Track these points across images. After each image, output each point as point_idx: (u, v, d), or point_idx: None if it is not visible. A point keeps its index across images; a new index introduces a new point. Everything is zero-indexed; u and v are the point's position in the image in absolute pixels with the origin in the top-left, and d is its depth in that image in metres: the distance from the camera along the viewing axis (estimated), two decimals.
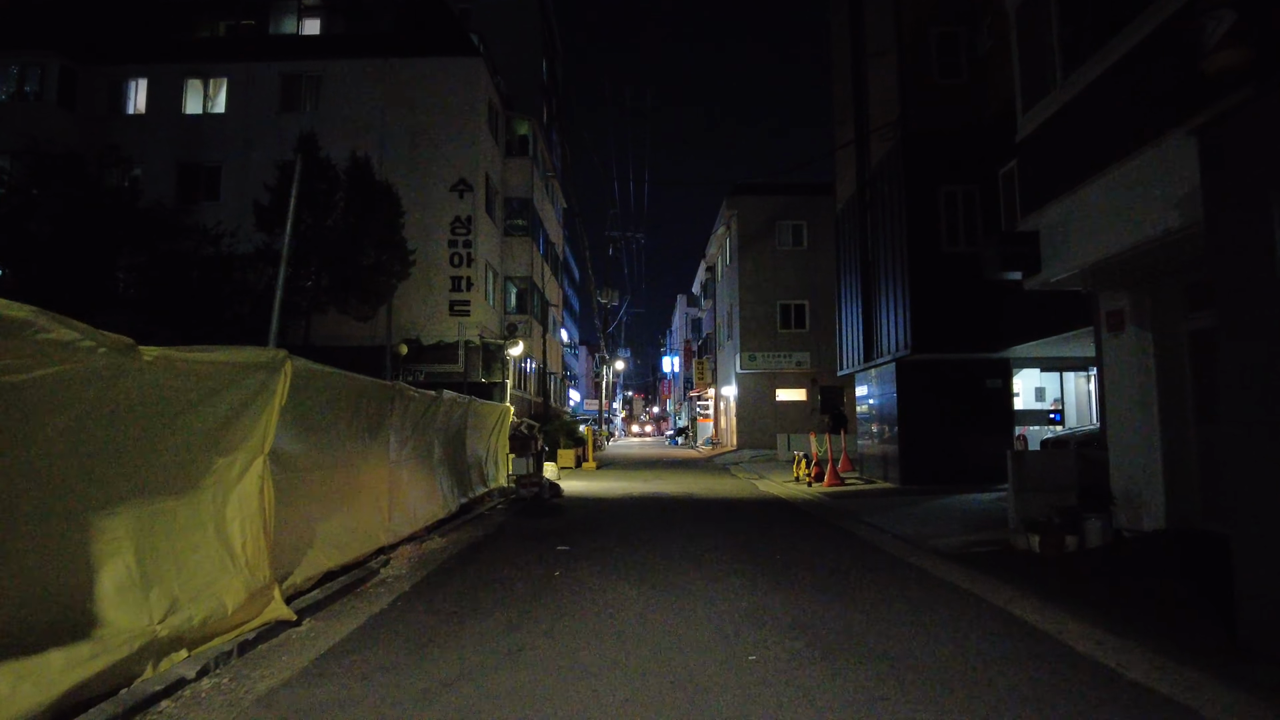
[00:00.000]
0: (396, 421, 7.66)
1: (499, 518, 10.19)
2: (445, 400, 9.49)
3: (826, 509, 11.16)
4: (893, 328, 13.88)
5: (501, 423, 13.66)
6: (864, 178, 15.96)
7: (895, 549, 7.62)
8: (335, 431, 6.15)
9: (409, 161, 21.36)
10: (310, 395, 5.65)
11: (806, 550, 7.49)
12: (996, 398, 13.81)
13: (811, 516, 10.42)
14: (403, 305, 20.59)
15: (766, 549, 7.48)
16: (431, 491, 8.97)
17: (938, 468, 13.58)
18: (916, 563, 6.82)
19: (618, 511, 10.98)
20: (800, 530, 9.03)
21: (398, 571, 6.51)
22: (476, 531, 8.93)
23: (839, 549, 7.59)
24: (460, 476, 10.62)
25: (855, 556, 7.14)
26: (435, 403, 9.03)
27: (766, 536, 8.46)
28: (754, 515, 10.59)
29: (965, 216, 13.22)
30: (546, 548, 7.60)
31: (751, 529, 9.10)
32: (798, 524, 9.63)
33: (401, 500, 7.73)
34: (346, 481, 6.37)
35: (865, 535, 8.55)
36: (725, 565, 6.61)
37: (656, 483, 16.09)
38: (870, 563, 6.83)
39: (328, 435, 5.99)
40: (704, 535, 8.46)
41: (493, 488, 12.84)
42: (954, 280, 13.03)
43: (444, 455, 9.73)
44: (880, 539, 8.26)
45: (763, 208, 26.26)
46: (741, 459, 23.36)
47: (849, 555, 7.22)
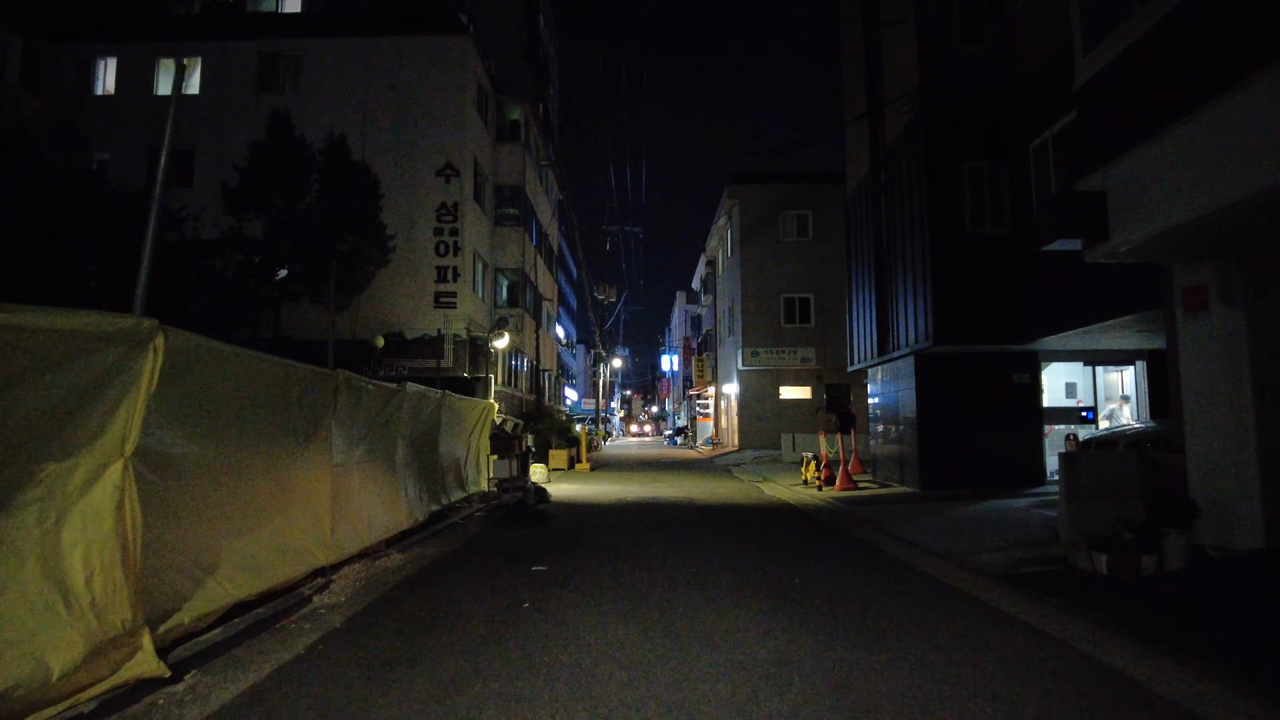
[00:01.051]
0: (345, 417, 6.50)
1: (474, 528, 9.03)
2: (410, 394, 8.33)
3: (842, 517, 10.01)
4: (911, 318, 12.73)
5: (484, 421, 12.51)
6: (877, 157, 14.80)
7: (932, 568, 6.46)
8: (252, 428, 4.98)
9: (393, 146, 20.21)
10: (212, 382, 4.49)
11: (828, 571, 6.33)
12: (1023, 394, 12.67)
13: (827, 526, 9.26)
14: (384, 297, 19.44)
15: (781, 569, 6.32)
16: (392, 499, 7.81)
17: (960, 470, 12.45)
18: (963, 588, 5.66)
19: (608, 520, 9.82)
20: (817, 544, 7.87)
21: (335, 599, 5.35)
22: (444, 545, 7.76)
23: (867, 570, 6.43)
24: (431, 481, 9.46)
25: (888, 580, 5.98)
26: (397, 397, 7.87)
27: (779, 553, 7.29)
28: (762, 525, 9.44)
29: (991, 195, 12.06)
30: (520, 568, 6.43)
31: (761, 543, 7.94)
32: (813, 536, 8.47)
33: (350, 510, 6.57)
34: (270, 490, 5.21)
35: (893, 551, 7.39)
36: (734, 593, 5.44)
37: (653, 486, 14.93)
38: (908, 589, 5.67)
39: (240, 433, 4.83)
40: (706, 551, 7.30)
41: (473, 492, 11.68)
42: (979, 265, 11.88)
43: (410, 457, 8.57)
44: (911, 555, 7.10)
45: (765, 197, 25.10)
46: (743, 460, 22.20)
47: (880, 578, 6.06)
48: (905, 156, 13.07)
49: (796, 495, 12.80)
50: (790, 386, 25.46)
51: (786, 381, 25.42)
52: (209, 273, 15.54)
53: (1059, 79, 10.51)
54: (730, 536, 8.30)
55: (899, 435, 13.72)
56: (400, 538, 7.88)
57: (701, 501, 11.93)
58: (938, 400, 12.66)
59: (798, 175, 25.38)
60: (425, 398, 9.07)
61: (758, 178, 25.30)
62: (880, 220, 14.68)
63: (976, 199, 12.07)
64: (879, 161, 14.76)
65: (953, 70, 12.25)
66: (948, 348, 12.12)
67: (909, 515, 9.76)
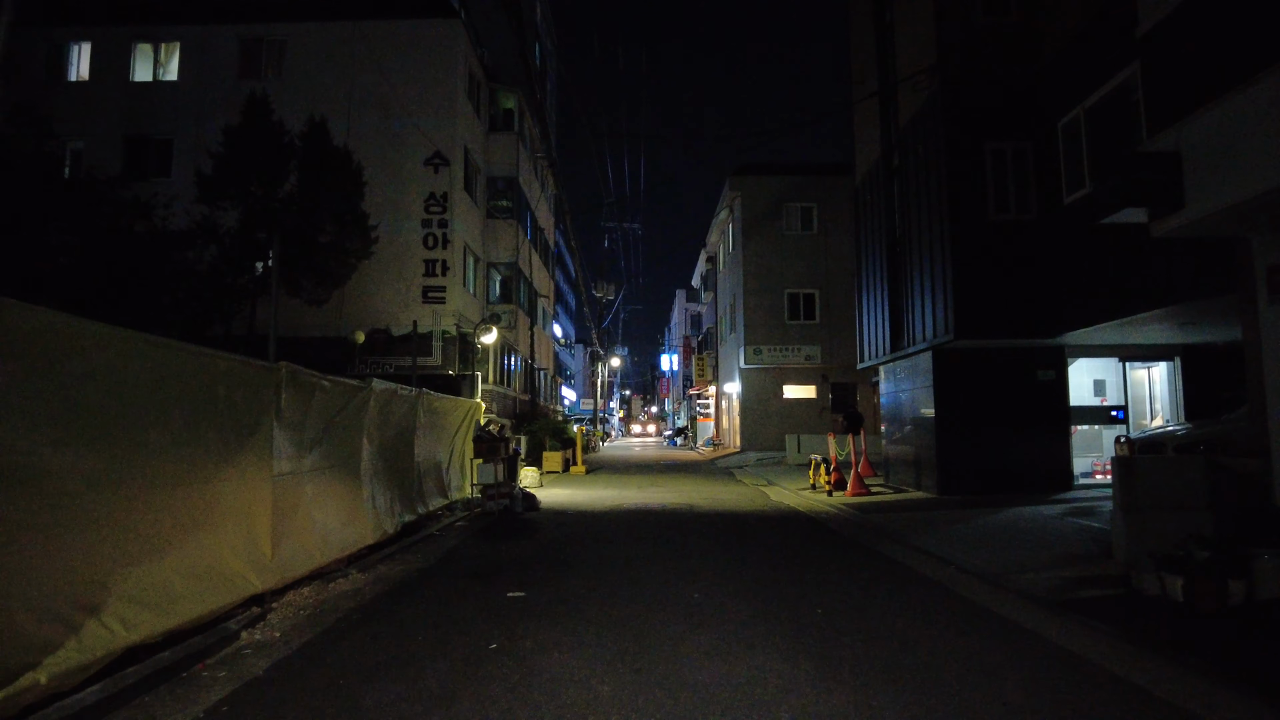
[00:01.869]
0: (292, 418, 5.61)
1: (451, 540, 8.14)
2: (378, 392, 7.44)
3: (858, 527, 9.12)
4: (928, 311, 11.84)
5: (469, 422, 11.62)
6: (890, 140, 13.93)
7: (972, 591, 5.58)
8: (160, 432, 4.09)
9: (380, 134, 19.29)
10: (97, 374, 3.60)
11: (854, 595, 5.44)
12: (1049, 392, 11.78)
13: (843, 538, 8.36)
14: (369, 291, 18.54)
15: (798, 595, 5.43)
16: (355, 510, 6.91)
17: (980, 474, 11.56)
18: (1019, 619, 4.78)
19: (601, 531, 8.93)
20: (836, 561, 6.98)
21: (267, 635, 4.46)
22: (413, 563, 6.87)
23: (899, 594, 5.54)
24: (405, 488, 8.57)
25: (927, 608, 5.09)
26: (360, 395, 6.98)
27: (794, 572, 6.40)
28: (771, 537, 8.54)
29: (1016, 178, 11.18)
30: (494, 593, 5.54)
31: (772, 559, 7.04)
32: (829, 550, 7.57)
33: (299, 525, 5.68)
34: (187, 504, 4.32)
35: (924, 569, 6.50)
36: (745, 628, 4.55)
37: (652, 490, 14.04)
38: (953, 620, 4.78)
39: (140, 438, 3.94)
40: (710, 571, 6.40)
41: (455, 499, 10.79)
42: (1003, 253, 11.00)
43: (379, 462, 7.68)
44: (945, 574, 6.21)
45: (769, 189, 24.19)
46: (746, 462, 21.32)
47: (916, 604, 5.17)
48: (922, 138, 12.19)
49: (805, 501, 11.92)
50: (794, 386, 24.56)
51: (790, 380, 24.51)
52: (183, 265, 14.64)
53: (1095, 47, 9.64)
54: (736, 552, 7.40)
55: (913, 436, 12.84)
56: (366, 553, 7.00)
57: (703, 508, 11.04)
58: (956, 399, 11.78)
59: (802, 166, 24.46)
60: (397, 396, 8.18)
61: (760, 169, 24.39)
62: (893, 208, 13.80)
63: (1000, 182, 11.19)
64: (892, 145, 13.88)
65: (973, 43, 11.36)
66: (969, 342, 11.23)
67: (931, 524, 8.87)
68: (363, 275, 18.41)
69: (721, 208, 26.73)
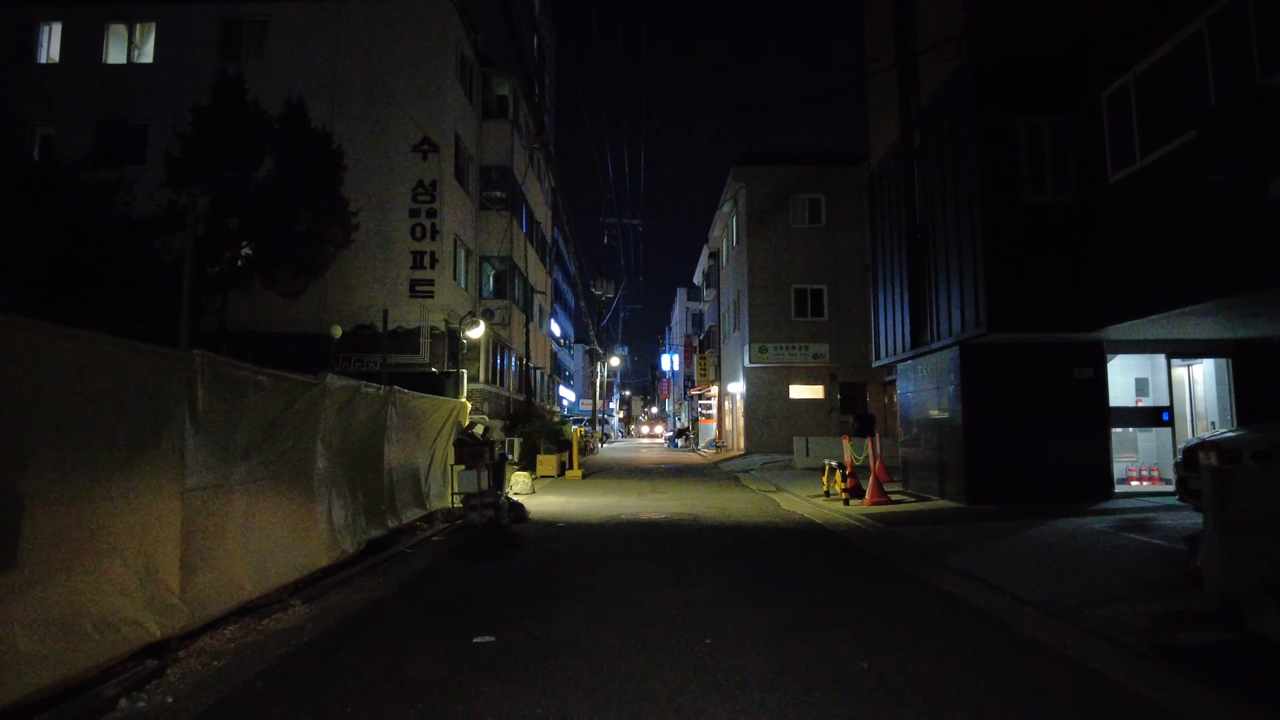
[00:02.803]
0: (213, 420, 4.60)
1: (422, 560, 7.11)
2: (334, 389, 6.42)
3: (885, 542, 8.10)
4: (955, 304, 10.83)
5: (453, 424, 10.61)
6: (909, 120, 12.91)
7: (1044, 631, 4.56)
8: None
9: (366, 119, 18.29)
10: None
11: (903, 639, 4.41)
12: (1086, 391, 10.78)
13: (871, 558, 7.34)
14: (353, 285, 17.54)
15: (835, 639, 4.41)
16: (305, 528, 5.90)
17: (1012, 480, 10.57)
18: (1109, 673, 3.76)
19: (595, 548, 7.91)
20: (870, 589, 5.95)
21: (155, 703, 3.45)
22: (371, 590, 5.85)
23: (956, 636, 4.52)
24: (372, 500, 7.55)
25: (993, 655, 4.07)
26: (310, 393, 5.96)
27: (825, 606, 5.37)
28: (790, 556, 7.52)
29: (1053, 156, 10.16)
30: (457, 636, 4.51)
31: (796, 588, 6.01)
32: (860, 575, 6.55)
33: (222, 550, 4.66)
34: (41, 533, 3.30)
35: (976, 599, 5.48)
36: (774, 691, 3.53)
37: (652, 497, 13.01)
38: (1032, 675, 3.75)
39: None
40: (724, 605, 5.38)
41: (436, 509, 9.78)
42: (1039, 238, 9.99)
43: (339, 470, 6.66)
44: (1002, 607, 5.20)
45: (775, 179, 23.18)
46: (751, 465, 20.29)
47: (982, 652, 4.15)
48: (948, 114, 11.17)
49: (820, 511, 10.89)
50: (801, 385, 23.54)
51: (797, 380, 23.50)
52: (149, 255, 13.62)
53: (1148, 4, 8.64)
54: (753, 576, 6.38)
55: (936, 440, 11.82)
56: (320, 576, 5.99)
57: (710, 519, 10.02)
58: (985, 399, 10.77)
59: (809, 156, 23.45)
60: (361, 395, 7.16)
61: (766, 159, 23.38)
62: (914, 193, 12.78)
63: (1035, 160, 10.17)
64: (911, 125, 12.87)
65: (1006, 7, 10.34)
66: (1001, 337, 10.22)
67: (968, 540, 7.85)
68: (346, 267, 17.42)
69: (725, 199, 25.71)
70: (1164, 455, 12.44)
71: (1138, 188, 8.85)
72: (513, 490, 13.17)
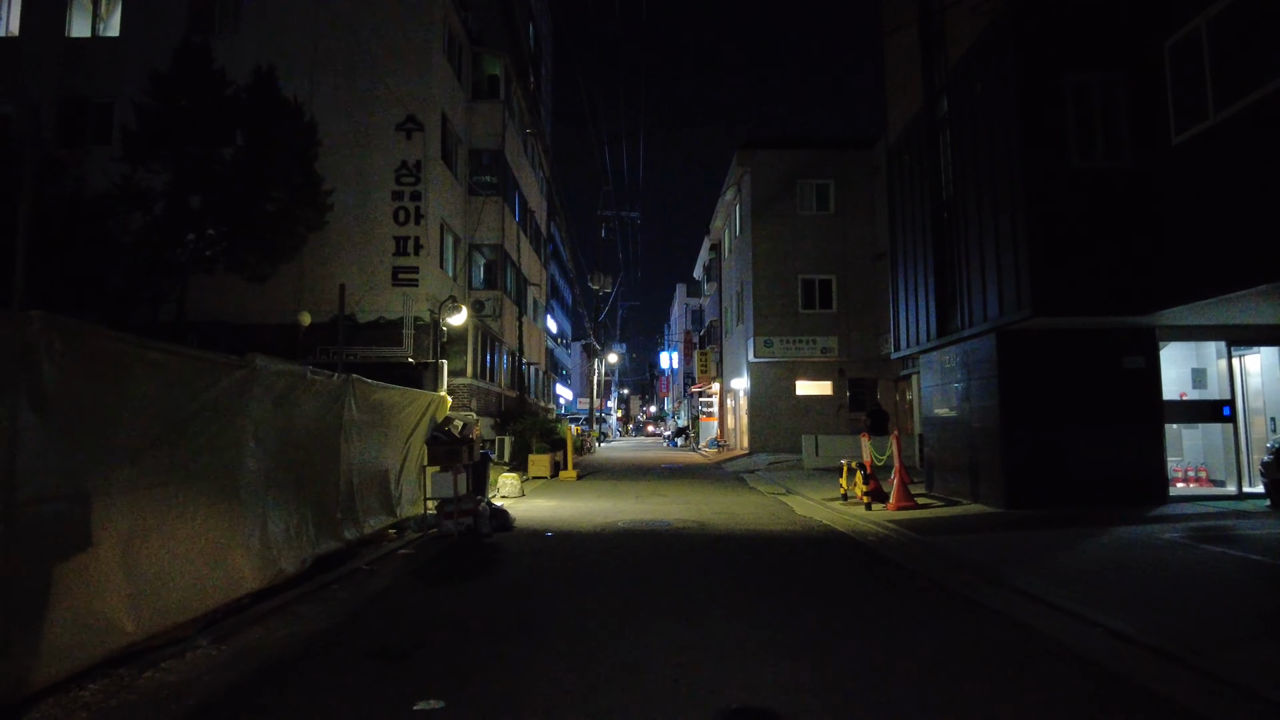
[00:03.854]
0: (76, 410, 3.45)
1: (379, 581, 5.96)
2: (268, 374, 5.28)
3: (924, 555, 6.96)
4: (991, 285, 9.69)
5: (429, 419, 9.46)
6: (935, 85, 11.78)
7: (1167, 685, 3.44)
8: None
9: (347, 96, 17.13)
10: None
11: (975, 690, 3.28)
12: (1137, 383, 9.67)
13: (912, 575, 6.20)
14: (331, 272, 16.37)
15: (910, 699, 3.26)
16: (225, 544, 4.75)
17: (1055, 482, 9.48)
18: None
19: (585, 565, 6.78)
20: (918, 616, 4.82)
21: None
22: (306, 623, 4.70)
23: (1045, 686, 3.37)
24: (324, 509, 6.41)
25: None
26: (231, 377, 4.81)
27: (878, 643, 4.23)
28: (815, 573, 6.39)
29: (1104, 117, 9.04)
30: (396, 701, 3.34)
31: (836, 618, 4.87)
32: (910, 600, 5.41)
33: (85, 581, 3.52)
34: None
35: (1058, 632, 4.35)
36: None
37: (652, 501, 11.87)
38: None
39: None
40: (745, 646, 4.23)
41: (408, 516, 8.64)
42: (1090, 209, 8.87)
43: (276, 473, 5.52)
44: (1095, 646, 4.07)
45: (780, 164, 22.03)
46: (756, 466, 19.15)
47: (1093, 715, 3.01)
48: (981, 75, 10.04)
49: (840, 516, 9.76)
50: (808, 381, 22.41)
51: (804, 375, 22.36)
52: (102, 235, 12.47)
53: None
54: (779, 604, 5.24)
55: (967, 437, 10.69)
56: (248, 603, 4.85)
57: (717, 527, 8.88)
58: (1025, 391, 9.66)
59: (817, 140, 22.30)
60: (307, 384, 6.01)
61: (772, 143, 22.21)
62: (940, 166, 11.66)
63: (1084, 122, 9.05)
64: (937, 91, 11.73)
65: None
66: (1047, 322, 9.09)
67: (1022, 552, 6.72)
68: (324, 254, 16.28)
69: (728, 186, 24.56)
70: (1213, 453, 11.33)
71: (1208, 149, 7.73)
72: (499, 494, 12.04)
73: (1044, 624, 4.61)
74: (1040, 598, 5.20)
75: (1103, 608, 4.81)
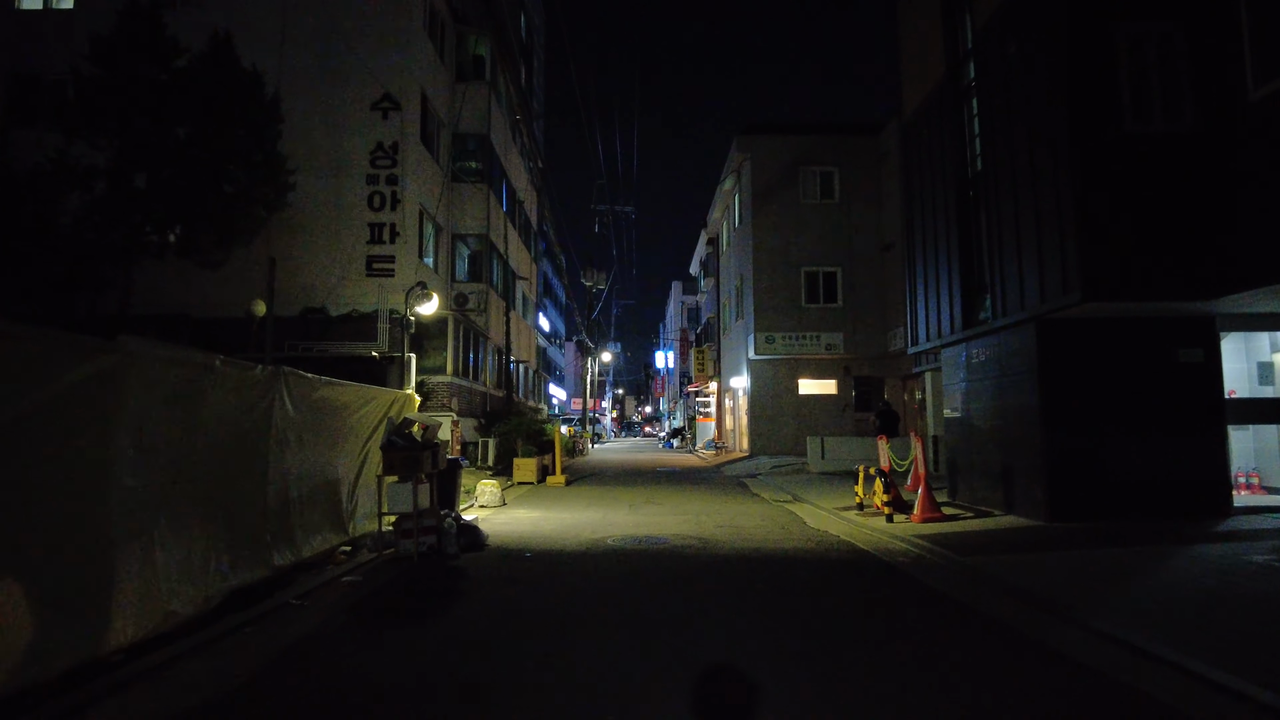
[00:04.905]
0: None
1: (305, 622, 4.78)
2: (150, 363, 4.11)
3: (970, 582, 5.82)
4: (1032, 267, 8.57)
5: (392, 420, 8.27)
6: (959, 51, 10.67)
7: None
8: None
9: (318, 74, 15.94)
10: None
11: None
12: (1194, 378, 8.57)
13: (972, 613, 5.05)
14: (301, 262, 15.20)
15: None
16: (80, 586, 3.58)
17: (1103, 491, 8.38)
18: None
19: (568, 599, 5.62)
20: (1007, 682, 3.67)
21: None
22: (187, 693, 3.52)
23: None
24: (243, 528, 5.22)
25: None
26: (88, 364, 3.64)
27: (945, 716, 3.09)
28: (851, 610, 5.24)
29: (1161, 75, 7.93)
30: None
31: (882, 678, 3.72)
32: (970, 648, 4.26)
33: None
34: None
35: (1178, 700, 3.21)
36: None
37: (647, 511, 10.72)
38: None
39: None
40: None
41: (364, 533, 7.47)
42: (1146, 178, 7.76)
43: (172, 489, 4.34)
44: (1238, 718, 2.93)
45: (782, 150, 20.90)
46: (759, 469, 18.02)
47: None
48: (1018, 31, 8.92)
49: (860, 531, 8.63)
50: (811, 379, 21.29)
51: (807, 373, 21.24)
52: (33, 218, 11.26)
53: None
54: (809, 657, 4.08)
55: (1000, 439, 9.57)
56: (120, 660, 3.68)
57: (724, 545, 7.73)
58: (1069, 388, 8.55)
59: (821, 125, 21.18)
60: (215, 376, 4.83)
61: (772, 128, 21.07)
62: (966, 140, 10.54)
63: (1139, 81, 7.93)
64: (962, 57, 10.62)
65: None
66: (1096, 309, 7.97)
67: (1088, 578, 5.60)
68: (294, 243, 15.10)
69: (727, 174, 23.41)
70: (1267, 457, 10.28)
71: None
72: (477, 503, 10.87)
73: (1146, 682, 3.50)
74: (1130, 644, 4.08)
75: (1222, 655, 3.69)
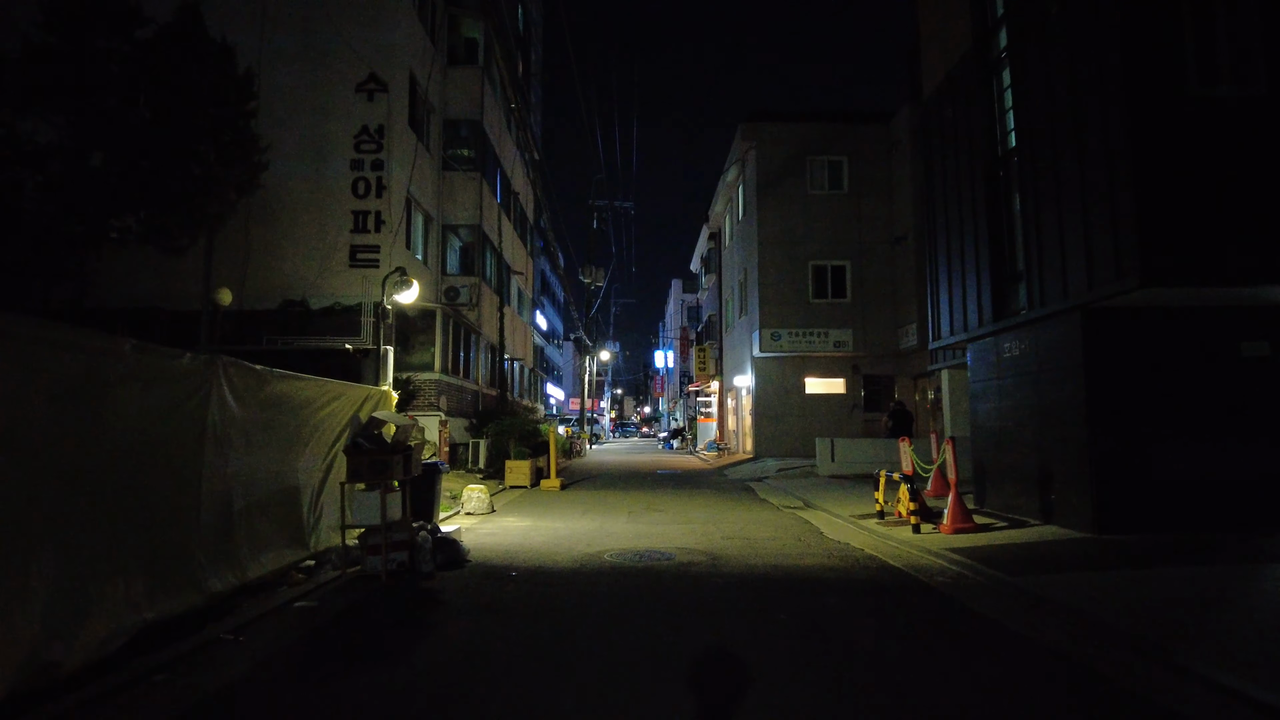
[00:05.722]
0: None
1: (232, 669, 3.89)
2: (12, 339, 3.22)
3: (1030, 610, 4.95)
4: (1078, 249, 7.70)
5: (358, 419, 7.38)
6: (988, 20, 9.82)
7: None
8: None
9: (300, 53, 15.05)
10: None
11: None
12: (1261, 375, 7.71)
13: (1040, 651, 4.18)
14: (281, 252, 14.32)
15: None
16: None
17: (1157, 497, 7.51)
18: None
19: (552, 634, 4.75)
20: None
21: None
22: None
23: None
24: (164, 548, 4.34)
25: None
26: None
27: None
28: (896, 653, 4.37)
29: (1229, 31, 7.07)
30: None
31: None
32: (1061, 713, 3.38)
33: None
34: None
35: None
36: None
37: (648, 520, 9.83)
38: None
39: None
40: None
41: (327, 548, 6.59)
42: (1214, 148, 6.91)
43: (63, 504, 3.46)
44: None
45: (789, 139, 20.01)
46: (765, 472, 17.14)
47: None
48: None
49: (885, 543, 7.75)
50: (818, 378, 20.42)
51: (814, 371, 20.37)
52: None
53: None
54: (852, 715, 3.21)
55: (1038, 442, 8.70)
56: None
57: (734, 561, 6.85)
58: (1118, 385, 7.69)
59: (829, 113, 20.29)
60: (125, 367, 3.95)
61: (779, 116, 20.17)
62: (995, 116, 9.68)
63: (1205, 39, 7.07)
64: (991, 27, 9.76)
65: None
66: (1153, 294, 7.11)
67: (1172, 606, 4.72)
68: (273, 231, 14.23)
69: (730, 165, 22.52)
70: None
71: None
72: (463, 509, 9.98)
73: None
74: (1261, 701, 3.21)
75: None
